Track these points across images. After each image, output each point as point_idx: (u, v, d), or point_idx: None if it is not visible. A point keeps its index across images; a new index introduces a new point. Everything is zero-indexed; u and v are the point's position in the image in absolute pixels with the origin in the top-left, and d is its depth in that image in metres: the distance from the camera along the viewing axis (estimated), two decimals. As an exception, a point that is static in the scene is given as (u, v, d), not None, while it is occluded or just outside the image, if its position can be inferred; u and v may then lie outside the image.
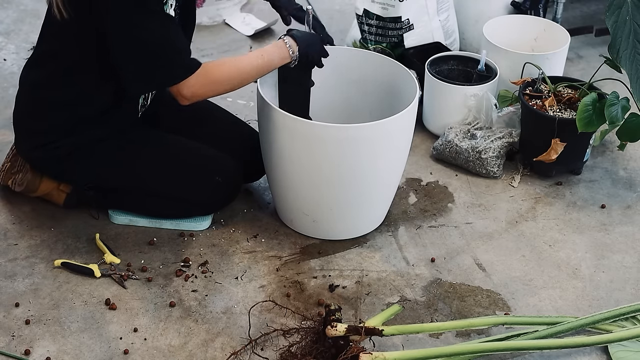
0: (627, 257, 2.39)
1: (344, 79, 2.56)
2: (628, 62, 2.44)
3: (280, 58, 2.24)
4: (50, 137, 2.29)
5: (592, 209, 2.57)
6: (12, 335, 2.09)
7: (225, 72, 2.18)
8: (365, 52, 2.57)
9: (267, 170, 2.42)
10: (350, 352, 1.91)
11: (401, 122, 2.26)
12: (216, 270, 2.31)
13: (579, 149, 2.64)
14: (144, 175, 2.36)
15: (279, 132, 2.25)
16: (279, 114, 2.22)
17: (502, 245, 2.43)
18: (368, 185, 2.31)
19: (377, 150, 2.25)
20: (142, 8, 2.02)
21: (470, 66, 2.87)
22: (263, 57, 2.21)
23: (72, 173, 2.36)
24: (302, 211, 2.37)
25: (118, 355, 2.04)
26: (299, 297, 2.23)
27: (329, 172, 2.26)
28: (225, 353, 2.05)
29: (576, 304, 2.23)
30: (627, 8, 2.43)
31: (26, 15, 3.58)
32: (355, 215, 2.39)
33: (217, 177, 2.37)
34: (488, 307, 2.21)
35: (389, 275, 2.31)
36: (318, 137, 2.20)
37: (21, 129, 2.36)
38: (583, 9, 3.72)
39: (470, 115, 2.77)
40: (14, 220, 2.45)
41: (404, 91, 2.38)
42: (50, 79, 2.25)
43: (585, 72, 3.18)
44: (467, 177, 2.70)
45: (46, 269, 2.28)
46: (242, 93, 3.09)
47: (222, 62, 2.22)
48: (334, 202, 2.33)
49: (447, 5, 3.11)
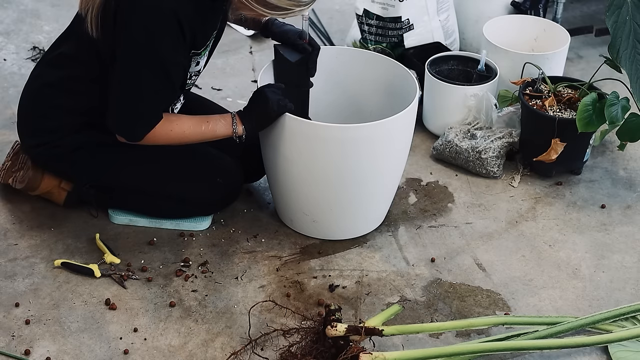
0: (627, 257, 2.39)
1: (344, 79, 2.55)
2: (628, 62, 2.44)
3: (224, 133, 2.24)
4: (56, 135, 2.30)
5: (592, 209, 2.57)
6: (12, 335, 2.09)
7: (170, 137, 2.21)
8: (365, 52, 2.57)
9: (267, 170, 2.42)
10: (350, 352, 1.91)
11: (401, 122, 2.26)
12: (216, 270, 2.31)
13: (579, 149, 2.64)
14: (145, 176, 2.36)
15: (279, 132, 2.25)
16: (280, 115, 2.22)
17: (502, 245, 2.43)
18: (368, 185, 2.31)
19: (377, 150, 2.25)
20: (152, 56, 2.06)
21: (470, 66, 2.87)
22: (208, 124, 2.23)
23: (74, 171, 2.37)
24: (302, 211, 2.37)
25: (118, 355, 2.04)
26: (299, 297, 2.23)
27: (329, 172, 2.26)
28: (225, 353, 2.05)
29: (576, 304, 2.23)
30: (627, 8, 2.43)
31: (26, 15, 3.58)
32: (355, 215, 2.39)
33: (217, 177, 2.37)
34: (488, 307, 2.21)
35: (389, 275, 2.31)
36: (318, 137, 2.20)
37: (27, 125, 2.36)
38: (583, 9, 3.72)
39: (470, 115, 2.77)
40: (14, 220, 2.45)
41: (404, 91, 2.38)
42: (65, 83, 2.26)
43: (585, 72, 3.18)
44: (467, 177, 2.70)
45: (46, 269, 2.28)
46: (242, 93, 3.10)
47: (170, 128, 2.20)
48: (334, 202, 2.33)
49: (447, 5, 3.11)
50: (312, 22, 2.48)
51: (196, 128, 2.22)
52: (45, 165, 2.39)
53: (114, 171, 2.35)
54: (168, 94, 2.19)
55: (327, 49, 2.57)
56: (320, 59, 2.41)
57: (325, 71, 2.44)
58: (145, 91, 2.12)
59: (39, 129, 2.33)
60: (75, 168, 2.35)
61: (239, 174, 2.43)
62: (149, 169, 2.35)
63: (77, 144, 2.30)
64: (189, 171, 2.37)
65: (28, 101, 2.35)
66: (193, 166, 2.38)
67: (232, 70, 3.26)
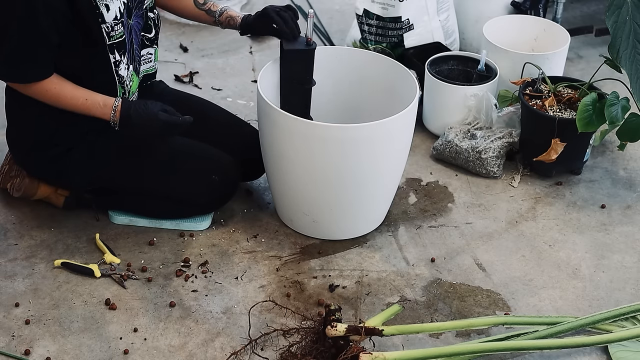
0: (627, 257, 2.39)
1: (344, 79, 2.56)
2: (628, 62, 2.44)
3: (101, 114, 2.21)
4: (39, 138, 2.29)
5: (592, 209, 2.57)
6: (12, 335, 2.09)
7: (47, 96, 2.19)
8: (366, 52, 2.57)
9: (267, 170, 2.42)
10: (350, 352, 1.91)
11: (401, 122, 2.26)
12: (216, 270, 2.31)
13: (579, 149, 2.64)
14: (139, 176, 2.35)
15: (280, 132, 2.25)
16: (279, 114, 2.22)
17: (502, 245, 2.43)
18: (368, 185, 2.31)
19: (377, 150, 2.25)
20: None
21: (470, 66, 2.87)
22: (86, 102, 2.20)
23: (67, 177, 2.36)
24: (302, 211, 2.37)
25: (118, 355, 2.04)
26: (299, 297, 2.23)
27: (329, 171, 2.26)
28: (225, 353, 2.05)
29: (576, 304, 2.23)
30: (627, 8, 2.43)
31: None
32: (355, 215, 2.39)
33: (214, 175, 2.37)
34: (488, 307, 2.21)
35: (389, 275, 2.31)
36: (318, 137, 2.20)
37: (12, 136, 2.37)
38: (583, 9, 3.72)
39: (470, 115, 2.77)
40: (14, 220, 2.45)
41: (404, 91, 2.38)
42: None
43: (585, 72, 3.18)
44: (467, 177, 2.70)
45: (46, 269, 2.28)
46: (242, 93, 3.10)
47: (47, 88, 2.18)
48: (334, 202, 2.33)
49: (447, 5, 3.11)
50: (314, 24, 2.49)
51: (73, 100, 2.19)
52: (38, 175, 2.39)
53: (108, 175, 2.35)
54: (40, 40, 2.11)
55: (327, 48, 2.57)
56: (321, 58, 2.41)
57: (326, 71, 2.44)
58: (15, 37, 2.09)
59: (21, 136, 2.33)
60: (68, 174, 2.34)
61: (235, 172, 2.43)
62: (143, 170, 2.35)
63: (64, 144, 2.29)
64: (185, 170, 2.37)
65: (6, 112, 2.36)
66: (189, 165, 2.38)
67: (232, 70, 3.26)
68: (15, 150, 2.38)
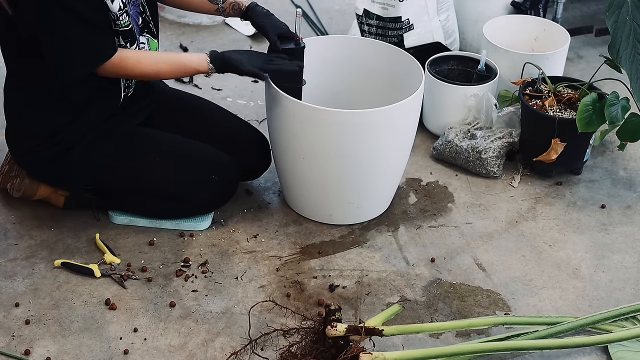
0: (627, 257, 2.39)
1: (350, 67, 2.59)
2: (628, 62, 2.44)
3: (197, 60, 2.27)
4: (38, 138, 2.29)
5: (592, 209, 2.57)
6: (12, 335, 2.09)
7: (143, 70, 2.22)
8: (372, 40, 2.60)
9: (275, 156, 2.45)
10: (350, 352, 1.91)
11: (408, 108, 2.30)
12: (216, 270, 2.31)
13: (579, 149, 2.64)
14: (139, 176, 2.35)
15: (288, 119, 2.27)
16: (289, 100, 2.25)
17: (502, 245, 2.43)
18: (374, 170, 2.34)
19: (382, 136, 2.29)
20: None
21: (470, 66, 2.87)
22: (185, 67, 2.26)
23: (66, 177, 2.36)
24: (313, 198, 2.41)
25: (118, 355, 2.05)
26: (299, 297, 2.23)
27: (336, 157, 2.30)
28: (225, 353, 2.05)
29: (576, 304, 2.23)
30: (627, 8, 2.43)
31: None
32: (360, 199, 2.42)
33: (213, 175, 2.37)
34: (488, 307, 2.21)
35: (389, 275, 2.31)
36: (326, 123, 2.24)
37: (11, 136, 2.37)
38: (583, 9, 3.72)
39: (470, 115, 2.77)
40: (14, 220, 2.45)
41: (410, 79, 2.41)
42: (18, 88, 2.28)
43: (585, 72, 3.19)
44: (467, 177, 2.70)
45: (46, 269, 2.29)
46: (242, 93, 3.10)
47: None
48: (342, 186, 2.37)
49: (447, 5, 3.11)
50: (311, 21, 2.48)
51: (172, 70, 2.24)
52: (38, 176, 2.39)
53: (107, 174, 2.34)
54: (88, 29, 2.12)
55: (333, 38, 2.59)
56: (325, 48, 2.43)
57: (332, 60, 2.44)
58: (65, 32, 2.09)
59: (19, 136, 2.33)
60: (67, 175, 2.34)
61: (235, 172, 2.43)
62: (142, 170, 2.35)
63: (62, 143, 2.29)
64: (184, 169, 2.37)
65: (5, 111, 2.36)
66: (188, 164, 2.38)
67: (232, 70, 3.25)
68: (15, 151, 2.38)
